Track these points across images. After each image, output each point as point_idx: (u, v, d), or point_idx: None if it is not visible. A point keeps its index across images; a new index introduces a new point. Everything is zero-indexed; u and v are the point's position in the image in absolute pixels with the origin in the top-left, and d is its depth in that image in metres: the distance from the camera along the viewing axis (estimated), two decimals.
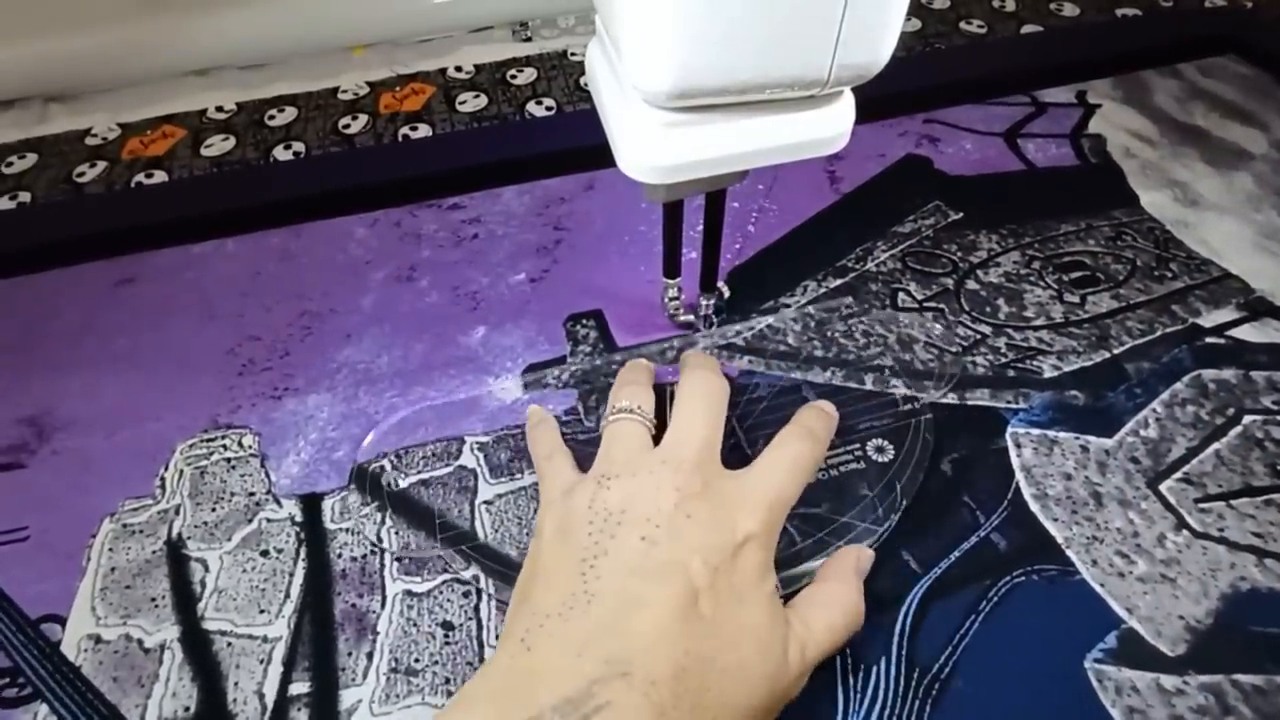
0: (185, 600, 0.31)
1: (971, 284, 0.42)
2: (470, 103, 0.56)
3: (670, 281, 0.39)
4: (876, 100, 0.54)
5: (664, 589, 0.24)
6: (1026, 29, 0.60)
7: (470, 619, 0.30)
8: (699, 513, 0.26)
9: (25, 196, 0.51)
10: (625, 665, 0.22)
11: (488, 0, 0.62)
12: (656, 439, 0.30)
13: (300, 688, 0.29)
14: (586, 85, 0.31)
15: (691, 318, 0.40)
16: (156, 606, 0.31)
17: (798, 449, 0.30)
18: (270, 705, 0.28)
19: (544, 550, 0.27)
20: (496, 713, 0.22)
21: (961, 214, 0.46)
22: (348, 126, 0.54)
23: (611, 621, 0.24)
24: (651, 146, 0.27)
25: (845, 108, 0.28)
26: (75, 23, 0.56)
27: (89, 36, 0.57)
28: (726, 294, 0.41)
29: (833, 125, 0.28)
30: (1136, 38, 0.58)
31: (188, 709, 0.28)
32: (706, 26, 0.23)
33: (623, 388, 0.32)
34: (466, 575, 0.32)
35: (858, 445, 0.35)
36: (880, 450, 0.35)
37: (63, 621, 0.31)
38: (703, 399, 0.30)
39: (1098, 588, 0.30)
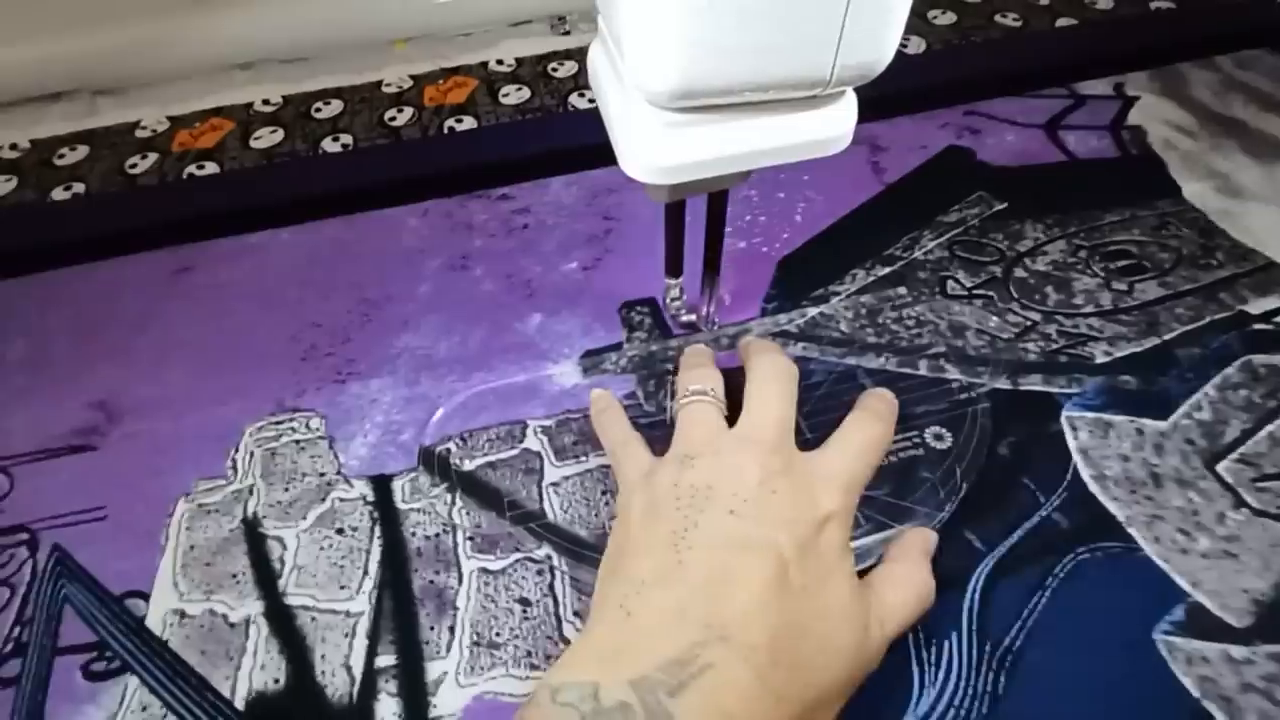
0: (266, 577, 0.32)
1: (1020, 272, 0.42)
2: (513, 95, 0.56)
3: (672, 281, 0.39)
4: (916, 92, 0.55)
5: (756, 560, 0.25)
6: (1061, 22, 0.61)
7: (546, 595, 0.31)
8: (783, 489, 0.27)
9: (79, 187, 0.51)
10: (724, 630, 0.23)
11: None
12: (728, 420, 0.31)
13: (386, 660, 0.29)
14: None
15: (694, 317, 0.40)
16: (238, 583, 0.32)
17: (869, 431, 0.30)
18: (359, 677, 0.29)
19: (632, 528, 0.27)
20: (603, 674, 0.23)
21: (1006, 204, 0.47)
22: (394, 119, 0.55)
23: (708, 589, 0.24)
24: (654, 147, 0.27)
25: (847, 108, 0.28)
26: (121, 16, 0.57)
27: (135, 30, 0.57)
28: (727, 301, 0.41)
29: (835, 126, 0.28)
30: (1172, 31, 0.59)
31: (277, 681, 0.29)
32: (709, 27, 0.23)
33: (691, 370, 0.33)
34: (539, 554, 0.32)
35: (916, 433, 0.36)
36: (939, 437, 0.36)
37: (146, 597, 0.31)
38: (776, 381, 0.31)
39: (1161, 564, 0.30)
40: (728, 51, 0.24)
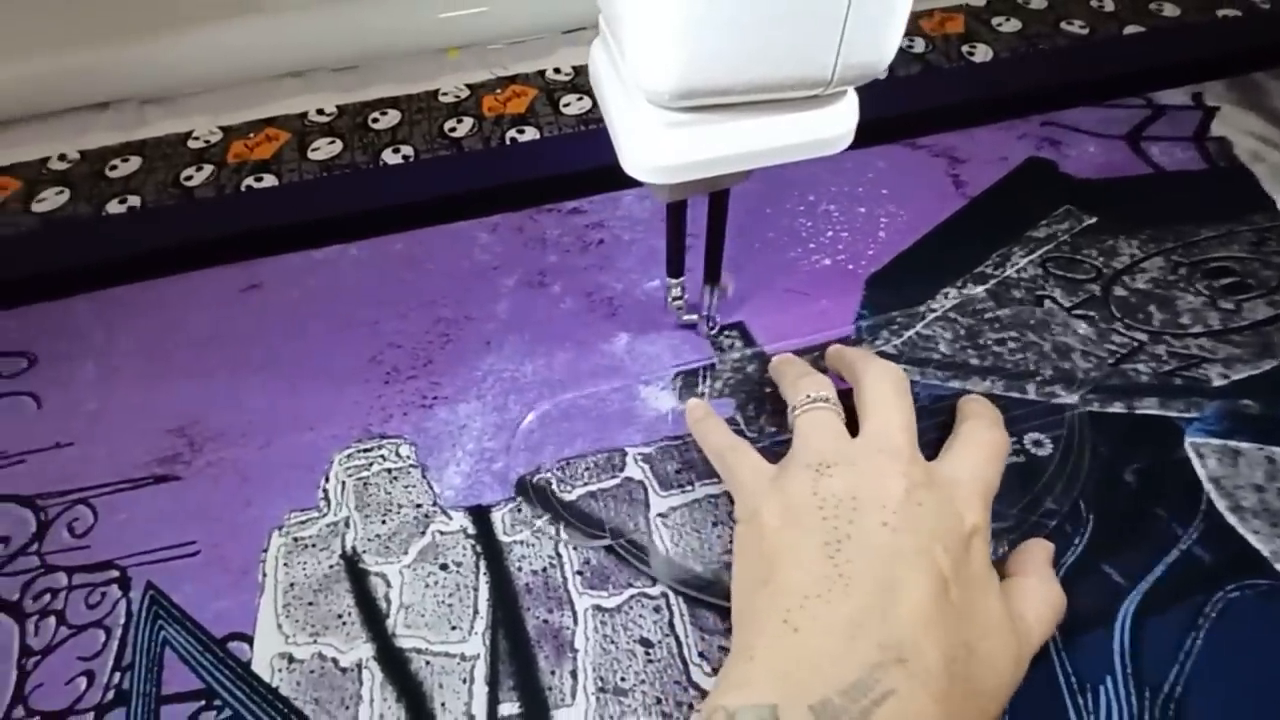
0: (373, 617, 0.30)
1: (1119, 290, 0.41)
2: (574, 105, 0.55)
3: (674, 281, 0.38)
4: (988, 102, 0.53)
5: (918, 575, 0.24)
6: (1129, 29, 0.59)
7: (668, 635, 0.30)
8: (928, 502, 0.26)
9: (134, 200, 0.50)
10: (899, 651, 0.22)
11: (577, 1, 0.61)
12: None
13: (510, 709, 0.28)
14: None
15: (695, 317, 0.40)
16: (344, 624, 0.30)
17: (991, 437, 0.30)
18: None
19: (770, 535, 0.26)
20: (781, 696, 0.22)
21: (1095, 218, 0.45)
22: (454, 129, 0.54)
23: (875, 606, 0.23)
24: (655, 146, 0.27)
25: (849, 107, 0.28)
26: (168, 23, 0.55)
27: (182, 37, 0.56)
28: (730, 290, 0.40)
29: (836, 125, 0.28)
30: (1245, 39, 0.58)
31: None
32: (710, 26, 0.23)
33: (800, 379, 0.32)
34: (654, 591, 0.31)
35: (1015, 439, 0.35)
36: (1038, 444, 0.35)
37: (249, 640, 0.30)
38: (892, 385, 0.30)
39: None
40: (729, 51, 0.24)
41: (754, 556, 0.27)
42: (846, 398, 0.32)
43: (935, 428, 0.34)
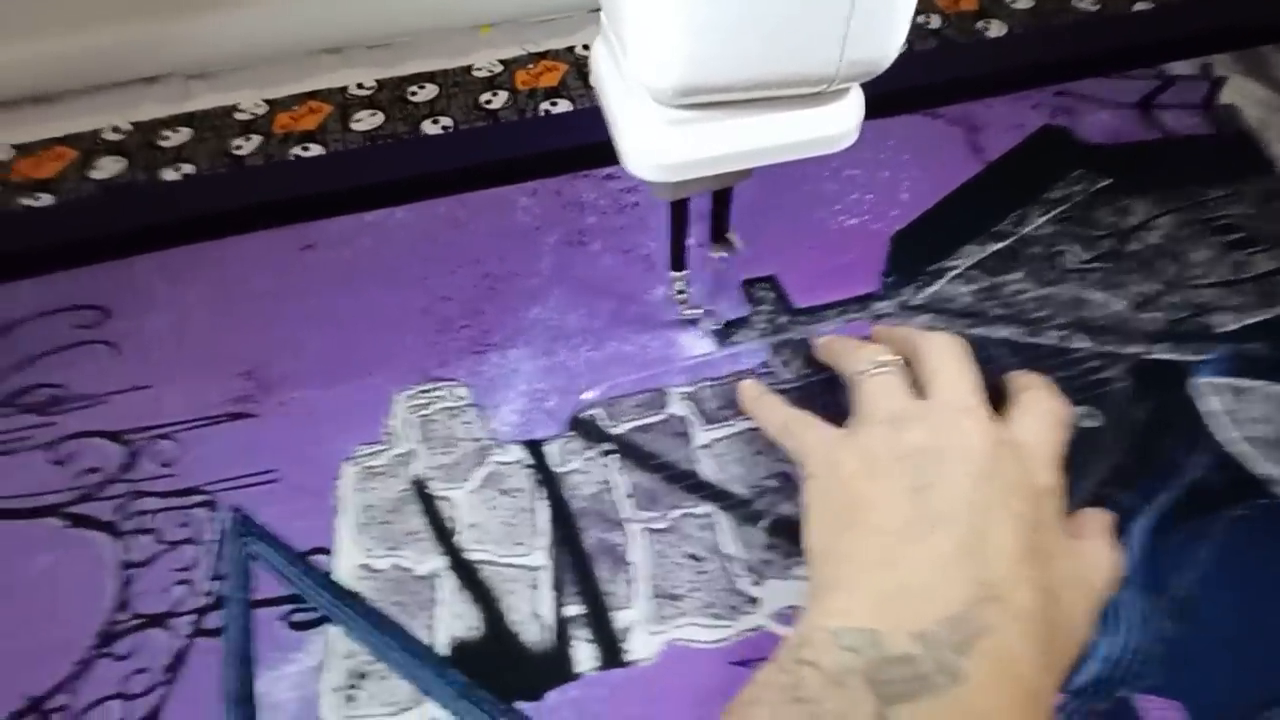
0: (443, 534, 0.33)
1: (1133, 245, 0.43)
2: None
3: (677, 275, 0.39)
4: (1004, 74, 0.55)
5: (1005, 521, 0.25)
6: (1139, 6, 0.62)
7: (714, 552, 0.32)
8: (1007, 459, 0.27)
9: (188, 168, 0.52)
10: (995, 589, 0.23)
11: None
12: None
13: (574, 609, 0.30)
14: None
15: (699, 311, 0.41)
16: (417, 539, 0.33)
17: (1052, 405, 0.30)
18: (552, 625, 0.30)
19: (851, 484, 0.27)
20: (881, 623, 0.23)
21: (1109, 180, 0.47)
22: (489, 102, 0.56)
23: (967, 546, 0.24)
24: (657, 144, 0.27)
25: (853, 104, 0.28)
26: (212, 1, 0.57)
27: (225, 14, 0.58)
28: (739, 247, 0.40)
29: (840, 122, 0.28)
30: (1249, 14, 0.60)
31: (474, 628, 0.30)
32: (713, 23, 0.23)
33: (860, 348, 0.33)
34: (699, 511, 0.33)
35: None
36: (1091, 415, 0.36)
37: (329, 554, 0.32)
38: (956, 353, 0.31)
39: None
40: (732, 48, 0.24)
41: (834, 505, 0.27)
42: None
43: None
